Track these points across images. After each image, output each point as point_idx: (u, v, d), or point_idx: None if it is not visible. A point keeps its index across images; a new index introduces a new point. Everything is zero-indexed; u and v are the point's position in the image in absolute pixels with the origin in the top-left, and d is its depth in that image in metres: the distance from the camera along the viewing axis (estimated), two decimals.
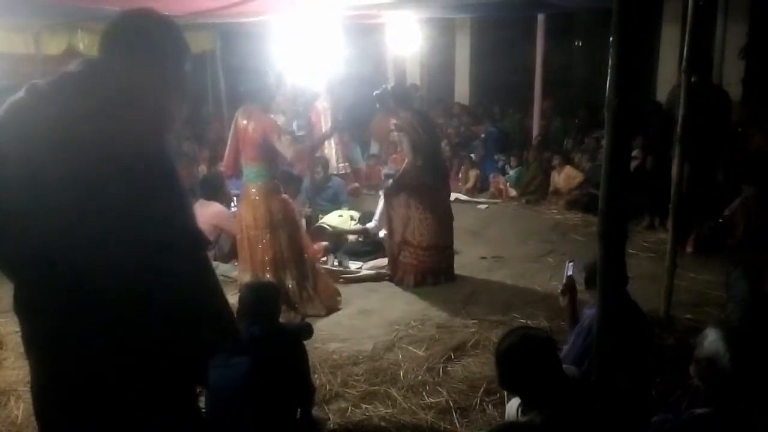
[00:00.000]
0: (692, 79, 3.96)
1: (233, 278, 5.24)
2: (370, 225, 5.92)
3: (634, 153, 7.41)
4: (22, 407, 3.36)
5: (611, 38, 1.51)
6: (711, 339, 1.89)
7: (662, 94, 9.20)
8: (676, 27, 8.53)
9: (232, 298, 4.59)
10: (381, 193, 5.89)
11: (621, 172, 1.59)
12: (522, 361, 2.21)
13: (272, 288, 3.19)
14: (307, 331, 3.31)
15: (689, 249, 5.58)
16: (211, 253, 5.62)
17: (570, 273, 3.29)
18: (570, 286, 3.25)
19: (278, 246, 4.57)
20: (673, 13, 8.63)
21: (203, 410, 2.88)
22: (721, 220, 5.90)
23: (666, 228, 5.46)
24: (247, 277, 4.59)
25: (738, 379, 1.82)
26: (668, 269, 4.13)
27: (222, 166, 5.46)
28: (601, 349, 1.66)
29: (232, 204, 6.01)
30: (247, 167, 4.59)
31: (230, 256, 5.72)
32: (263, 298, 2.98)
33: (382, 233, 5.81)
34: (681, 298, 4.40)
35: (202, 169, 8.65)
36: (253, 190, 4.56)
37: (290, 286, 4.59)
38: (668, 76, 9.11)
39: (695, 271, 5.04)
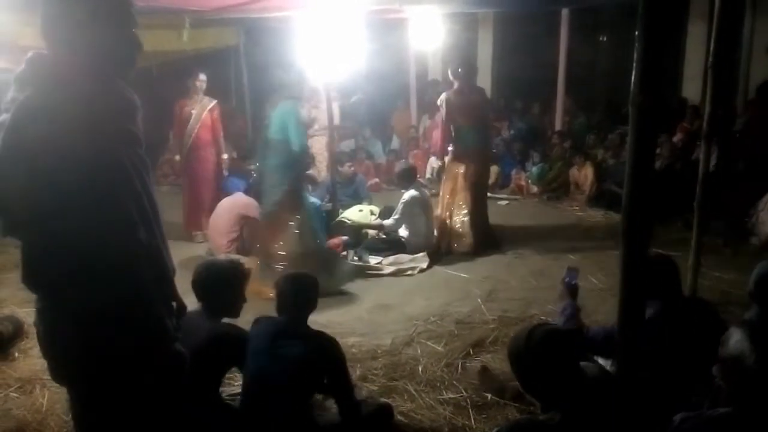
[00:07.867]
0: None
1: None
2: (387, 222, 5.92)
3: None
4: (47, 395, 3.43)
5: (637, 33, 1.50)
6: (736, 338, 1.87)
7: (688, 90, 9.11)
8: (703, 23, 8.40)
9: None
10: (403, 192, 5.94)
11: (645, 170, 1.56)
12: (541, 358, 2.20)
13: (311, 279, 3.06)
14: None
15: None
16: (234, 247, 5.67)
17: (573, 281, 3.19)
18: (571, 292, 3.15)
19: None
20: (700, 8, 8.51)
21: (237, 395, 2.89)
22: (746, 219, 5.82)
23: (690, 226, 5.39)
24: None
25: (763, 379, 1.80)
26: (692, 267, 4.09)
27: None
28: (625, 347, 1.65)
29: None
30: None
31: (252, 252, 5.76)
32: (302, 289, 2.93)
33: (402, 231, 5.83)
34: (705, 296, 4.33)
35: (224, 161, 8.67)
36: None
37: None
38: (694, 72, 9.00)
39: (720, 270, 4.98)
